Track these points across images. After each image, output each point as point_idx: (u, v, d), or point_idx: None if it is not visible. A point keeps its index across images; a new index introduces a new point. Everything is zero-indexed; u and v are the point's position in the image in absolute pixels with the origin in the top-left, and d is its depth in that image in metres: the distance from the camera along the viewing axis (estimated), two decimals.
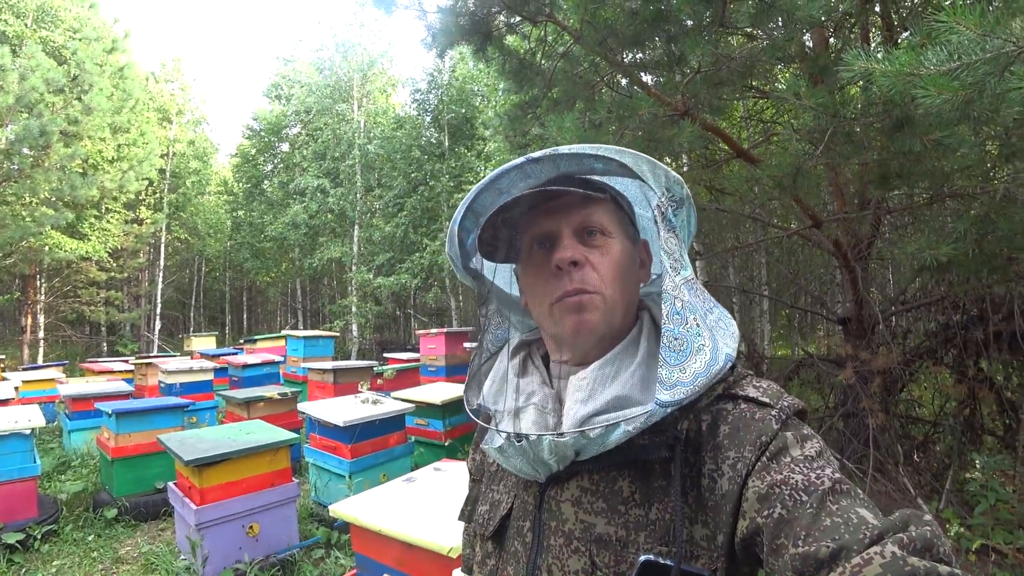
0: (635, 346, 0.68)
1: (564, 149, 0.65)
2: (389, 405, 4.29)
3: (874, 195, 2.98)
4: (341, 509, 1.96)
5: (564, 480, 0.67)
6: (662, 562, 0.56)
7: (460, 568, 0.90)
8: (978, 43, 1.19)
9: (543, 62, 3.34)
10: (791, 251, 7.43)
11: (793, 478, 0.54)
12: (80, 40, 13.81)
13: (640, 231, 0.79)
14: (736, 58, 2.41)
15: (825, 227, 3.72)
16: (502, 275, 0.86)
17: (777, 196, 2.79)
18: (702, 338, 0.62)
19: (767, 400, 0.61)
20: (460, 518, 0.85)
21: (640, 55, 3.04)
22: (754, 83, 3.55)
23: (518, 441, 0.64)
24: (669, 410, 0.58)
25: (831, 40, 4.33)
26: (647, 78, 3.69)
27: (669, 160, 4.44)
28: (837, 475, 0.54)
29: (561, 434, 0.62)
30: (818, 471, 0.54)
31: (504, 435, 0.66)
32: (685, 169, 4.54)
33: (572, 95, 3.13)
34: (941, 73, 1.24)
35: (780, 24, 2.47)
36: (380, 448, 4.10)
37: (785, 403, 0.61)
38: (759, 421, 0.59)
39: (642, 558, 0.56)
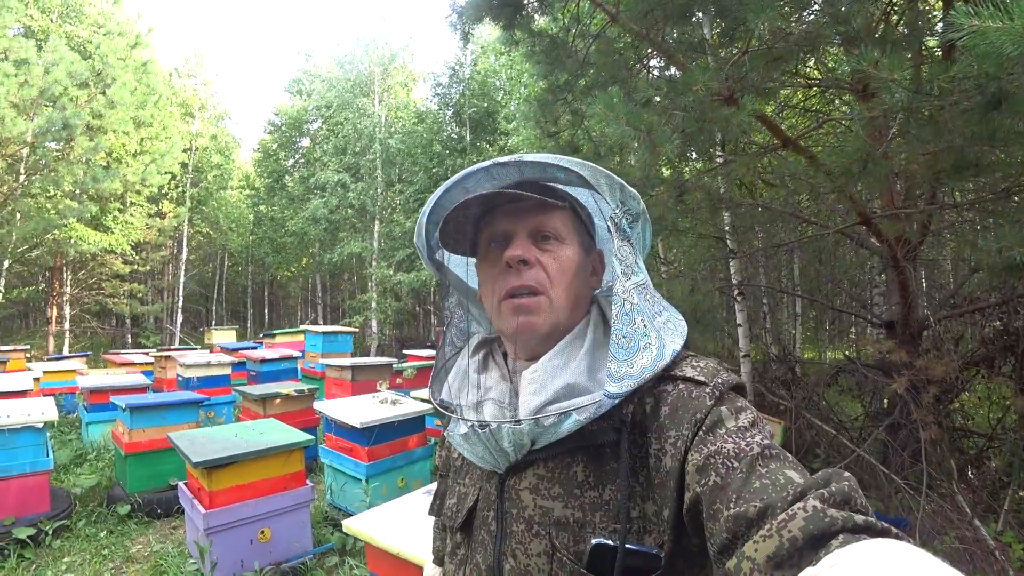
0: (582, 337, 0.72)
1: (529, 157, 0.70)
2: (408, 406, 4.12)
3: (951, 184, 2.70)
4: (356, 526, 1.78)
5: (522, 469, 0.70)
6: (611, 544, 0.61)
7: (432, 560, 0.94)
8: None
9: (576, 43, 3.12)
10: (824, 250, 7.10)
11: (725, 447, 0.57)
12: (104, 35, 13.92)
13: (597, 241, 0.83)
14: (795, 33, 2.17)
15: (877, 223, 3.46)
16: (463, 268, 0.90)
17: (833, 189, 2.54)
18: (648, 337, 0.66)
19: (702, 379, 0.64)
20: (430, 512, 0.88)
21: (683, 33, 2.80)
22: (807, 66, 3.28)
23: (481, 429, 0.68)
24: (617, 401, 0.62)
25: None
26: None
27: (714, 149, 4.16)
28: (766, 441, 0.58)
29: (518, 421, 0.65)
30: (748, 439, 0.57)
31: (468, 424, 0.70)
32: (720, 161, 4.28)
33: (611, 77, 2.90)
34: None
35: None
36: (399, 451, 3.92)
37: (719, 380, 0.64)
38: (695, 399, 0.63)
39: (593, 541, 0.62)
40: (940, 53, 3.20)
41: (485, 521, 0.73)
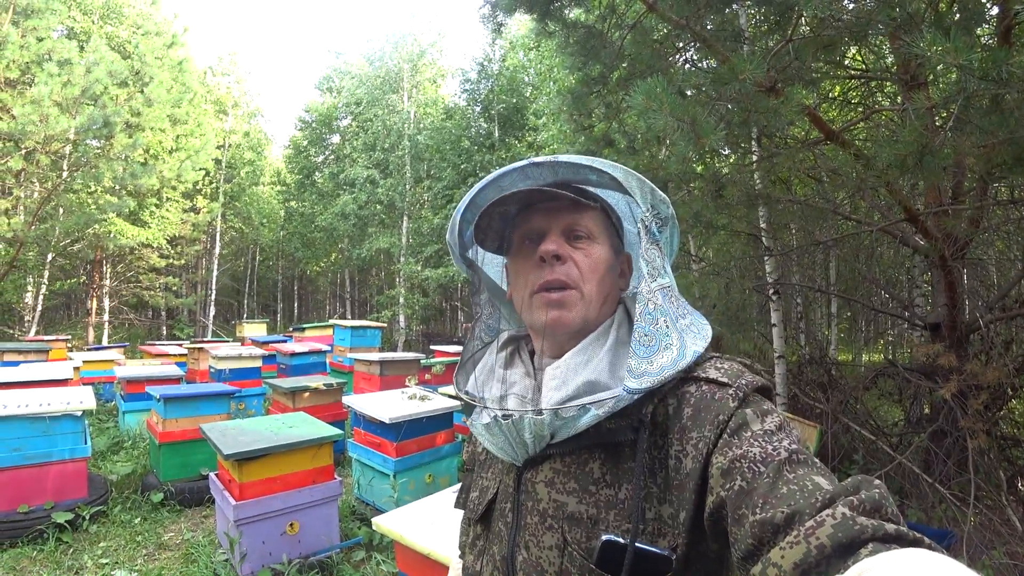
0: (605, 335, 0.72)
1: (564, 158, 0.72)
2: (437, 402, 4.10)
3: (1009, 178, 2.55)
4: (386, 524, 1.75)
5: (539, 463, 0.71)
6: (621, 541, 0.60)
7: (458, 555, 0.96)
8: None
9: (612, 33, 3.04)
10: (861, 249, 6.86)
11: (752, 451, 0.56)
12: (142, 35, 14.28)
13: (626, 245, 0.84)
14: (843, 19, 2.06)
15: (925, 220, 3.30)
16: (495, 269, 0.92)
17: (881, 183, 2.41)
18: (670, 338, 0.67)
19: (726, 380, 0.64)
20: (456, 505, 0.90)
21: (721, 22, 2.70)
22: (847, 57, 3.15)
23: (504, 419, 0.68)
24: (636, 397, 0.62)
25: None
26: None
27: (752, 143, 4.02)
28: (794, 446, 0.56)
29: (539, 411, 0.66)
30: (775, 443, 0.57)
31: (491, 415, 0.70)
32: (755, 157, 4.14)
33: (648, 68, 2.81)
34: None
35: None
36: (427, 447, 3.91)
37: (743, 381, 0.63)
38: (718, 401, 0.62)
39: (604, 537, 0.61)
40: (995, 41, 3.04)
41: (503, 513, 0.74)
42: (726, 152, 5.07)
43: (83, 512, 3.76)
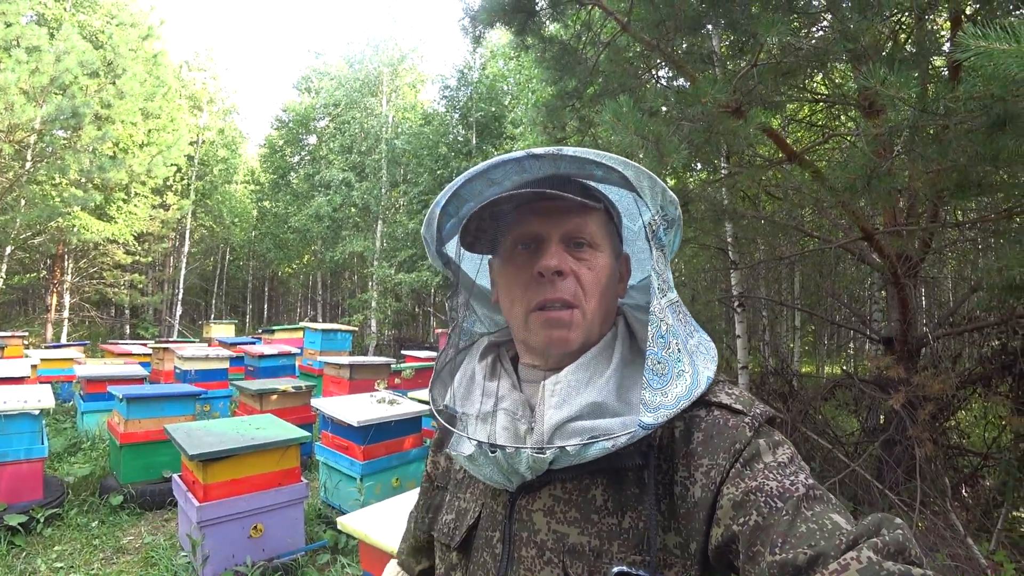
0: (609, 351, 0.68)
1: (568, 151, 0.63)
2: (406, 406, 4.11)
3: (954, 203, 2.72)
4: (351, 523, 1.78)
5: (536, 489, 0.65)
6: (635, 573, 0.56)
7: (395, 560, 0.91)
8: None
9: (587, 50, 3.14)
10: (824, 265, 7.12)
11: (768, 485, 0.54)
12: (117, 26, 13.96)
13: (624, 243, 0.78)
14: (804, 48, 2.18)
15: (879, 239, 3.47)
16: (471, 264, 0.82)
17: (836, 204, 2.55)
18: (682, 364, 0.62)
19: (740, 407, 0.61)
20: (415, 522, 0.86)
21: (692, 44, 2.82)
22: (814, 81, 3.30)
23: (492, 452, 0.61)
24: (651, 431, 0.57)
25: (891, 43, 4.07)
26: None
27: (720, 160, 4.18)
28: (810, 481, 0.54)
29: (541, 450, 0.59)
30: (792, 478, 0.54)
31: (475, 443, 0.63)
32: (724, 173, 4.29)
33: (620, 85, 2.92)
34: None
35: (854, 12, 2.25)
36: (394, 451, 3.92)
37: (758, 410, 0.61)
38: (733, 428, 0.59)
39: (615, 569, 0.57)
40: (947, 73, 3.24)
41: (489, 543, 0.67)
42: (699, 168, 5.24)
43: (38, 515, 3.66)
